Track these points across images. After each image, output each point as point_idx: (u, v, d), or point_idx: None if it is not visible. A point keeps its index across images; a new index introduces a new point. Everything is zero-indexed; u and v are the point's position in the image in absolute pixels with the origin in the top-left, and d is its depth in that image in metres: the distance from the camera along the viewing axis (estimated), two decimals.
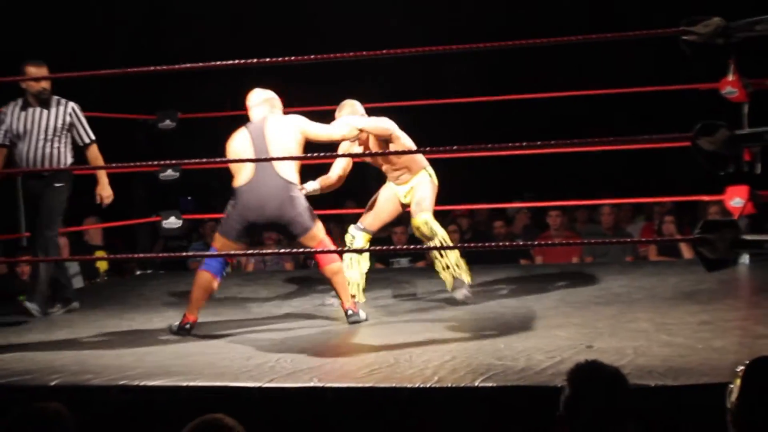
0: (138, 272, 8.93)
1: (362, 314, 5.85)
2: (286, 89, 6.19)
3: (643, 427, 2.71)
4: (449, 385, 4.07)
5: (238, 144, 5.84)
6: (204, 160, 5.42)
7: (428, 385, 4.07)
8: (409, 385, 4.08)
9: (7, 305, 7.03)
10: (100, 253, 9.25)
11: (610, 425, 2.62)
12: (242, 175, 5.72)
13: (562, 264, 8.61)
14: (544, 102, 8.71)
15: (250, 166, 5.71)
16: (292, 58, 4.86)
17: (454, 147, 5.31)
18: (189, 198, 14.44)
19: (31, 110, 6.63)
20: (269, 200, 5.70)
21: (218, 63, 4.93)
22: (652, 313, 5.62)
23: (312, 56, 4.77)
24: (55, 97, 6.67)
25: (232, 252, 5.74)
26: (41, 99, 6.60)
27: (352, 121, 6.08)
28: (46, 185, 6.58)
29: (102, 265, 9.31)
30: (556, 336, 5.05)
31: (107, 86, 6.62)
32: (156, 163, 6.53)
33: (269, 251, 9.02)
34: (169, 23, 10.55)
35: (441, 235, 6.28)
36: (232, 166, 5.75)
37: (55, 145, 6.62)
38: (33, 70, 6.52)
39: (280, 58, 4.89)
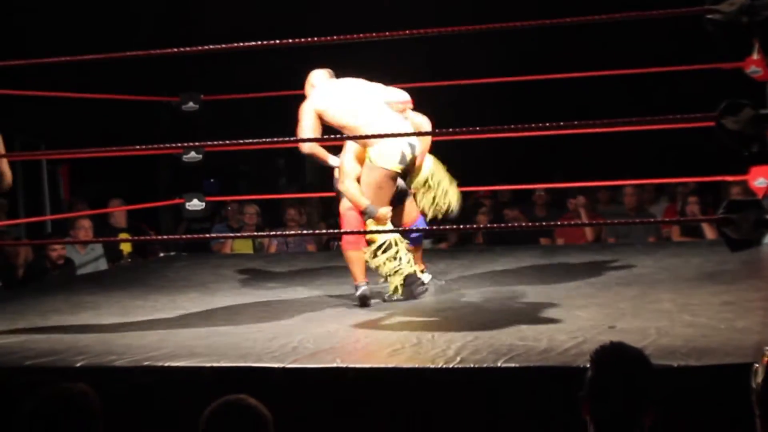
0: (161, 254, 8.97)
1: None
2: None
3: (664, 409, 2.70)
4: (471, 365, 4.08)
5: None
6: (227, 141, 5.41)
7: (451, 366, 4.07)
8: (431, 366, 4.09)
9: (34, 290, 7.09)
10: (123, 236, 9.30)
11: (633, 407, 2.62)
12: None
13: (584, 245, 8.61)
14: (568, 83, 8.67)
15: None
16: (320, 38, 4.84)
17: (477, 128, 5.29)
18: (212, 181, 14.52)
19: None
20: None
21: (240, 45, 4.92)
22: (675, 294, 5.61)
23: (342, 36, 4.75)
24: None
25: (258, 234, 5.74)
26: None
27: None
28: None
29: (126, 248, 9.36)
30: (578, 316, 5.05)
31: (131, 68, 6.61)
32: (179, 145, 6.52)
33: (291, 233, 9.04)
34: (194, 4, 10.55)
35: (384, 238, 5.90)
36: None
37: None
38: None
39: (304, 39, 4.87)
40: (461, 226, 5.79)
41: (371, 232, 5.81)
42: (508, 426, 3.90)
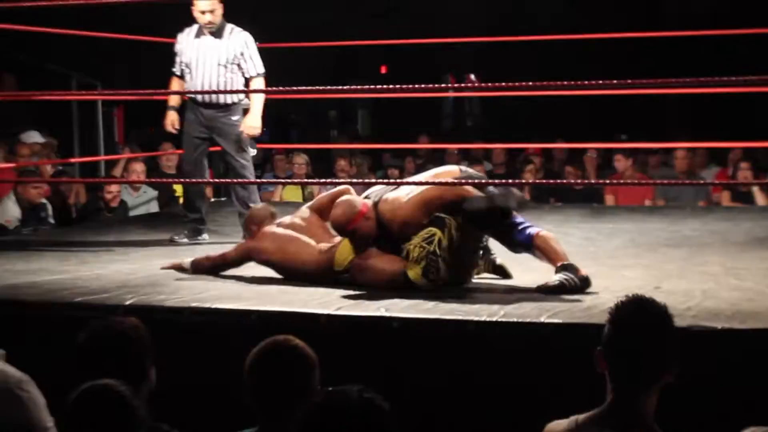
0: (212, 199, 9.04)
1: None
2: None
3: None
4: (515, 320, 4.11)
5: None
6: (279, 88, 5.44)
7: (494, 319, 4.10)
8: (475, 318, 4.12)
9: (86, 229, 7.18)
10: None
11: (651, 363, 2.56)
12: None
13: (633, 206, 8.58)
14: (624, 42, 8.61)
15: None
16: None
17: (529, 83, 5.28)
18: (265, 129, 14.58)
19: (204, 38, 6.49)
20: None
21: None
22: (723, 257, 5.60)
23: None
24: (229, 26, 6.52)
25: (307, 181, 5.71)
26: (211, 30, 6.48)
27: None
28: (222, 118, 6.54)
29: (179, 192, 9.45)
30: (623, 276, 5.05)
31: (189, 13, 6.64)
32: (231, 90, 6.56)
33: (340, 181, 9.07)
34: None
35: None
36: None
37: (229, 74, 6.49)
38: (200, 2, 6.42)
39: None
40: (506, 181, 5.42)
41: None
42: (549, 381, 3.93)
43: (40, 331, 4.46)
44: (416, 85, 5.68)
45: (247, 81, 6.59)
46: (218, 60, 6.48)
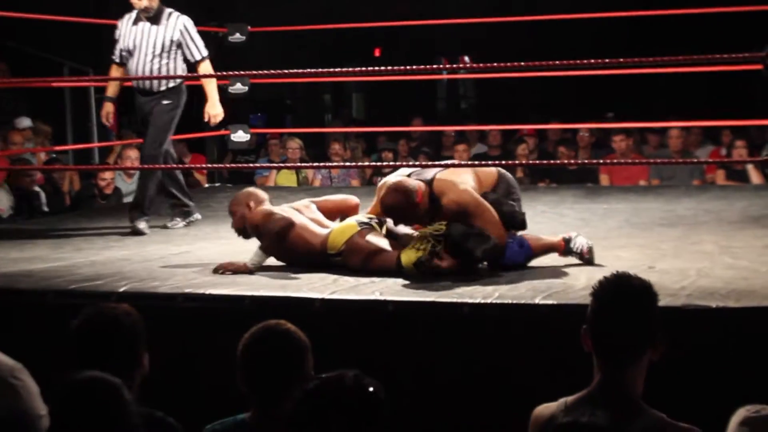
0: (206, 185, 9.04)
1: None
2: None
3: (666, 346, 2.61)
4: (509, 301, 4.10)
5: None
6: (272, 71, 5.42)
7: (489, 301, 4.10)
8: (469, 300, 4.12)
9: (80, 217, 7.17)
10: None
11: (635, 339, 2.56)
12: None
13: (628, 186, 8.57)
14: (618, 21, 8.60)
15: None
16: None
17: (521, 64, 5.27)
18: (260, 114, 14.56)
19: (141, 25, 6.41)
20: None
21: None
22: (718, 236, 5.59)
23: None
24: (167, 11, 6.45)
25: (300, 165, 5.67)
26: (147, 16, 6.41)
27: None
28: (154, 103, 6.45)
29: None
30: (618, 257, 5.04)
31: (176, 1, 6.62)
32: (224, 74, 6.54)
33: (334, 164, 9.07)
34: None
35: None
36: None
37: (164, 61, 6.40)
38: None
39: None
40: (500, 162, 5.34)
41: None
42: (545, 362, 3.93)
43: (34, 318, 4.46)
44: (409, 67, 5.68)
45: (193, 66, 6.52)
46: (154, 46, 6.40)
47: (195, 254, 5.38)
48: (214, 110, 6.54)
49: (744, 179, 8.57)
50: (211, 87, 6.55)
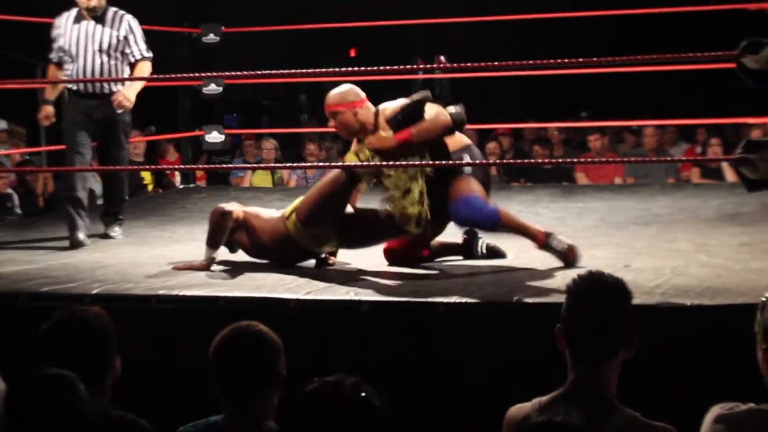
0: (181, 186, 9.00)
1: None
2: None
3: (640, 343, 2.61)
4: (485, 300, 4.10)
5: None
6: (245, 72, 5.40)
7: (464, 301, 4.09)
8: (444, 300, 4.11)
9: (53, 219, 7.12)
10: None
11: (609, 338, 2.55)
12: None
13: (603, 185, 8.58)
14: (590, 21, 8.61)
15: None
16: None
17: (495, 63, 5.26)
18: (235, 115, 14.52)
19: (84, 24, 6.07)
20: None
21: None
22: (693, 234, 5.61)
23: None
24: (112, 9, 6.15)
25: (274, 165, 5.64)
26: (94, 15, 6.09)
27: None
28: (107, 106, 6.10)
29: (147, 180, 9.40)
30: (594, 256, 5.04)
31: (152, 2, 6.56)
32: (197, 75, 6.49)
33: (311, 165, 9.04)
34: None
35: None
36: None
37: (112, 62, 6.11)
38: None
39: None
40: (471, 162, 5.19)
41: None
42: (521, 361, 3.92)
43: (6, 322, 4.42)
44: (384, 67, 5.66)
45: (132, 65, 6.21)
46: (100, 46, 6.09)
47: (169, 256, 5.34)
48: (123, 96, 6.04)
49: (719, 177, 8.60)
50: (140, 82, 6.20)
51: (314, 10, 10.61)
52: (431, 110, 4.83)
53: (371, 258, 5.12)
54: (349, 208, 5.05)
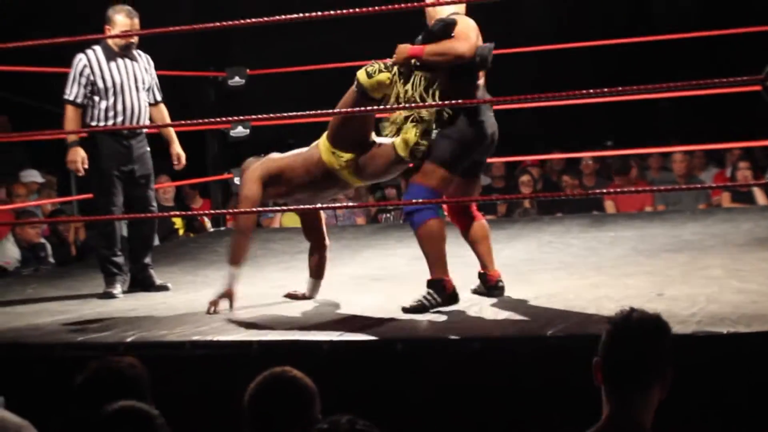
0: (212, 229, 9.03)
1: None
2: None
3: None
4: (520, 334, 4.08)
5: None
6: (272, 115, 5.43)
7: (498, 335, 4.08)
8: (480, 335, 4.10)
9: (86, 267, 7.16)
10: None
11: (644, 374, 2.55)
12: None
13: (634, 213, 8.55)
14: (613, 48, 8.60)
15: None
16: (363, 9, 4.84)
17: (520, 98, 5.26)
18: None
19: (120, 61, 5.92)
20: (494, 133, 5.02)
21: (286, 17, 4.89)
22: (725, 260, 5.57)
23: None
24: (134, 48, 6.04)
25: (305, 207, 5.60)
26: (127, 52, 5.97)
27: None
28: (141, 146, 6.04)
29: (178, 225, 9.44)
30: (626, 285, 5.02)
31: (176, 44, 6.60)
32: (225, 119, 6.52)
33: (339, 205, 9.06)
34: None
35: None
36: None
37: (144, 99, 6.02)
38: (125, 21, 5.87)
39: (350, 10, 4.85)
40: (496, 197, 5.31)
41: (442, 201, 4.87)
42: (556, 394, 3.90)
43: (42, 373, 4.44)
44: (409, 105, 5.66)
45: (152, 106, 6.15)
46: (141, 83, 6.01)
47: (201, 301, 5.35)
48: (182, 151, 6.18)
49: (750, 201, 8.55)
50: (172, 129, 6.23)
51: (336, 48, 10.67)
52: (459, 34, 4.68)
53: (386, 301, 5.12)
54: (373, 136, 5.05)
